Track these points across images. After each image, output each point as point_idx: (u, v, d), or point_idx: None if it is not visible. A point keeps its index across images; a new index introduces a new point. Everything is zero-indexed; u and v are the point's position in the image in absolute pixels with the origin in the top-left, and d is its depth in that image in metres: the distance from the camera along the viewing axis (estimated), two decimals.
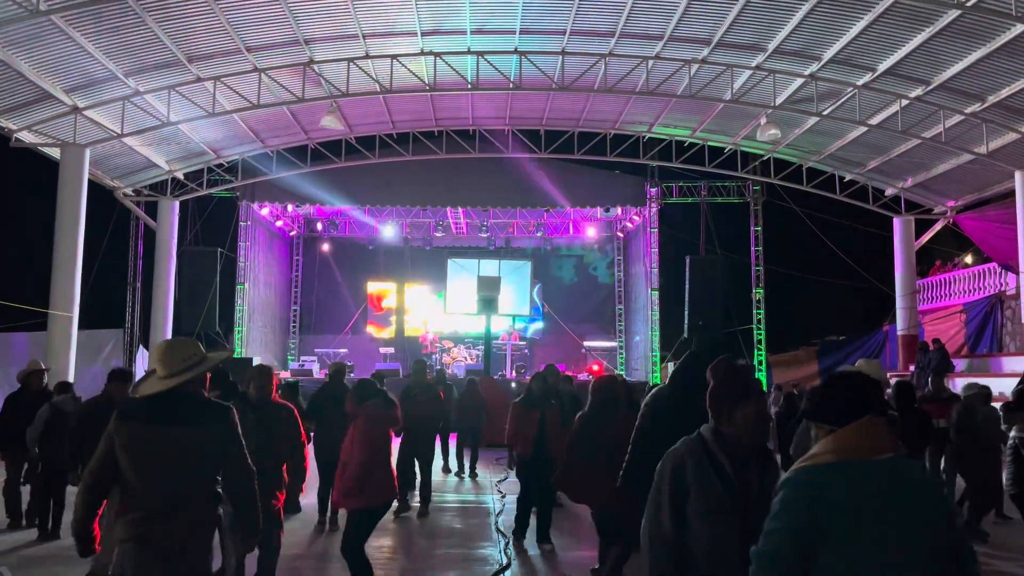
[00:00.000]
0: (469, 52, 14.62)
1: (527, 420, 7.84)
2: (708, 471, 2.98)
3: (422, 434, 9.36)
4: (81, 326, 15.36)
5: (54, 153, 15.25)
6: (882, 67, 13.77)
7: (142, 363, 19.85)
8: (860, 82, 14.47)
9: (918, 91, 14.37)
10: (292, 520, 8.51)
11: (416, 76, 15.08)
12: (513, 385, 19.05)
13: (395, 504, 8.46)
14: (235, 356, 20.08)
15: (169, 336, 19.12)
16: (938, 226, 19.98)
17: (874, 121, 15.63)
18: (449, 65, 14.77)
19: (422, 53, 14.59)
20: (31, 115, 14.40)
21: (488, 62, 14.71)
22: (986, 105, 14.16)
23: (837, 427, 2.38)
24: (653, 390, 5.04)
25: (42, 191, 16.08)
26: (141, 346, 20.55)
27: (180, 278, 19.70)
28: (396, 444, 7.09)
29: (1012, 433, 5.87)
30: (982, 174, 16.91)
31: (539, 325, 25.47)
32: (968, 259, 20.94)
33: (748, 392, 3.13)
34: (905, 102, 14.67)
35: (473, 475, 12.23)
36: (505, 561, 7.04)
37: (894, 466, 2.32)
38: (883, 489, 2.28)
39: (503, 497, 10.02)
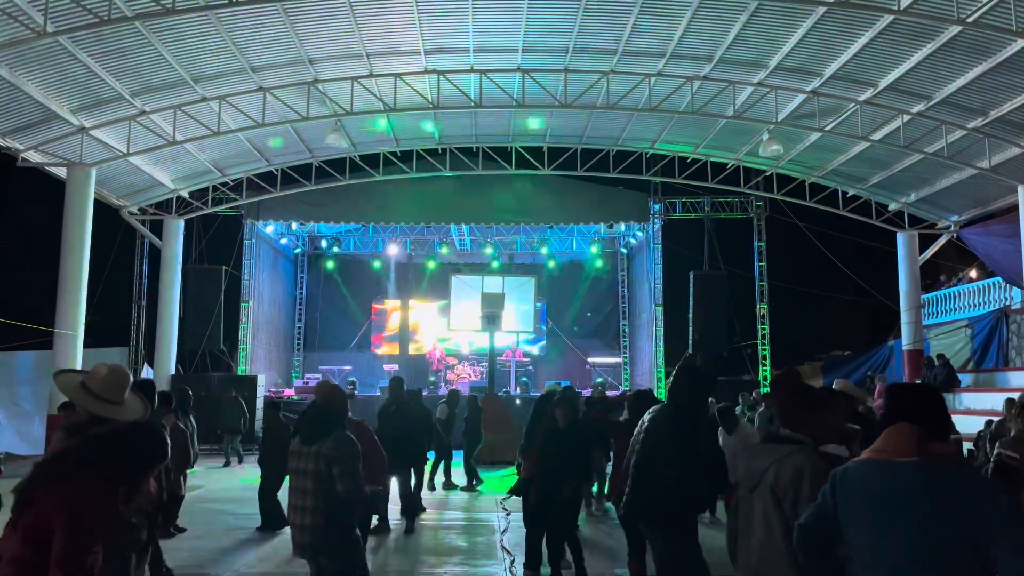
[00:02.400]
0: (472, 70, 14.71)
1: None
2: None
3: (401, 452, 9.20)
4: (86, 344, 15.39)
5: (60, 172, 15.35)
6: (884, 83, 13.82)
7: None
8: (862, 98, 14.52)
9: (920, 106, 14.40)
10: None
11: (420, 94, 15.18)
12: (518, 402, 19.04)
13: (375, 521, 8.56)
14: (239, 374, 20.17)
15: (174, 354, 19.14)
16: (942, 241, 19.96)
17: (876, 136, 15.66)
18: (452, 83, 14.86)
19: (425, 72, 14.68)
20: (38, 135, 14.51)
21: (491, 80, 14.80)
22: (988, 120, 14.18)
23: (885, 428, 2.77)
24: (652, 410, 4.99)
25: (48, 210, 16.18)
26: (147, 364, 20.59)
27: (185, 296, 19.74)
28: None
29: (996, 449, 5.77)
30: (985, 188, 16.91)
31: (543, 342, 25.44)
32: (973, 273, 20.92)
33: (821, 400, 3.52)
34: (907, 117, 14.71)
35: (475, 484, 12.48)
36: None
37: (913, 468, 2.59)
38: (890, 486, 2.60)
39: (508, 515, 9.98)
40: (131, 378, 3.94)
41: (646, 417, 4.93)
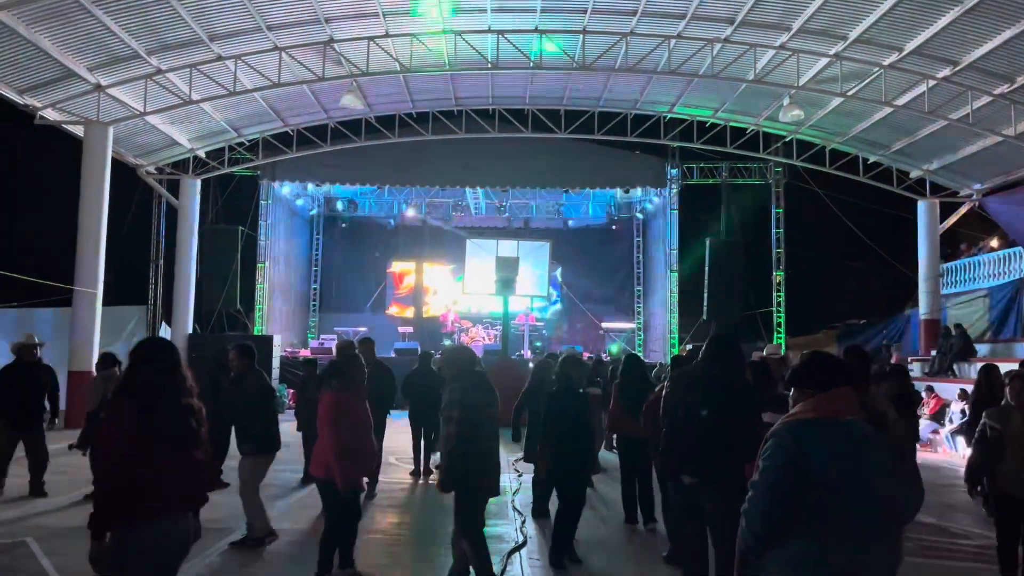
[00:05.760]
0: (490, 31, 14.54)
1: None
2: None
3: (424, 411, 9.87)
4: (105, 303, 15.56)
5: (78, 131, 15.39)
6: (909, 47, 13.54)
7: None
8: (886, 62, 14.25)
9: (946, 71, 14.12)
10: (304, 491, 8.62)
11: (436, 55, 15.02)
12: (531, 366, 19.07)
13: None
14: (255, 334, 20.34)
15: (191, 314, 19.31)
16: (964, 209, 19.69)
17: (900, 102, 15.39)
18: (469, 44, 14.70)
19: (443, 32, 14.53)
20: (55, 93, 14.53)
21: (509, 41, 14.63)
22: (1015, 86, 13.90)
23: (818, 392, 2.92)
24: (679, 369, 4.98)
25: (66, 169, 16.24)
26: (164, 323, 20.79)
27: (202, 256, 19.88)
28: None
29: (983, 420, 5.71)
30: (1009, 156, 16.62)
31: (557, 307, 25.42)
32: (994, 243, 20.63)
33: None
34: (932, 83, 14.43)
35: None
36: (521, 539, 7.09)
37: (857, 428, 2.88)
38: (848, 444, 2.82)
39: (520, 476, 10.07)
40: None
41: (680, 375, 4.97)
